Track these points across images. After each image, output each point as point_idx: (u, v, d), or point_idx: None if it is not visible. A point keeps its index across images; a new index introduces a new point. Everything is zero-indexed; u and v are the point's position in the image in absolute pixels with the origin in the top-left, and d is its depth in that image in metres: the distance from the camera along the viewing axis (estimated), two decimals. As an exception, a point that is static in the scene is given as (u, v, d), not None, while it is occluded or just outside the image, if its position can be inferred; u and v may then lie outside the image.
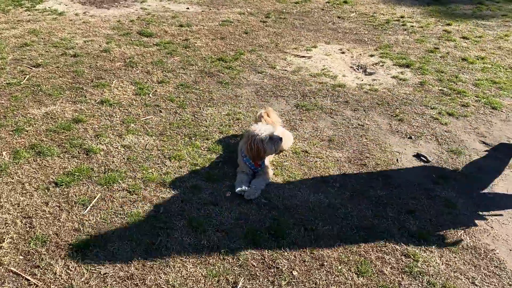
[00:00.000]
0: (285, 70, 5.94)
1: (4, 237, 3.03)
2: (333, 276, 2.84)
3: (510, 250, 3.15)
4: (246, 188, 3.53)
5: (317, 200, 3.51)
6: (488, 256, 3.07)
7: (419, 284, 2.81)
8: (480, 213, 3.49)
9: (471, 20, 8.47)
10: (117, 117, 4.56)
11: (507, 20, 8.57)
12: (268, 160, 3.77)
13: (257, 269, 2.88)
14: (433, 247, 3.11)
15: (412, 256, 3.01)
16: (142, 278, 2.77)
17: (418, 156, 4.17)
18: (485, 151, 4.30)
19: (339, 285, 2.78)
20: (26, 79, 5.29)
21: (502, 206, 3.58)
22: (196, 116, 4.67)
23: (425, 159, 4.11)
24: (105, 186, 3.55)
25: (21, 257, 2.89)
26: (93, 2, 9.00)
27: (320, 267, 2.90)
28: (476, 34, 7.66)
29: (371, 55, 6.58)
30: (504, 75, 6.01)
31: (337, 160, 4.05)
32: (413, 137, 4.48)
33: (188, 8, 8.75)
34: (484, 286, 2.84)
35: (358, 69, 6.15)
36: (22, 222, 3.16)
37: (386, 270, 2.91)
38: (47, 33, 6.87)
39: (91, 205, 3.34)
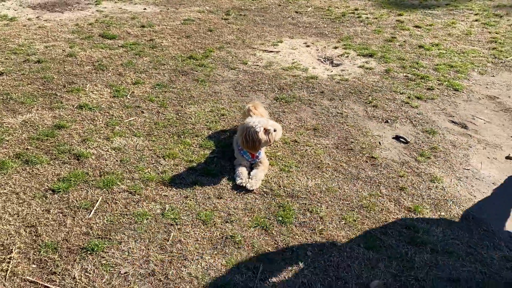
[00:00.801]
0: (257, 65, 6.07)
1: (11, 247, 2.95)
2: (345, 253, 3.02)
3: (495, 214, 3.47)
4: (247, 179, 3.63)
5: (315, 185, 3.68)
6: (477, 222, 3.37)
7: (424, 252, 3.05)
8: (463, 184, 3.80)
9: (419, 10, 9.00)
10: (100, 121, 4.49)
11: (450, 8, 9.18)
12: (263, 151, 3.89)
13: (273, 253, 2.99)
14: (429, 218, 3.37)
15: (412, 228, 3.25)
16: (164, 273, 2.81)
17: (397, 138, 4.45)
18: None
19: (352, 261, 2.96)
20: (-8, 88, 5.07)
21: (479, 178, 3.91)
22: (179, 114, 4.69)
23: (405, 140, 4.39)
24: (104, 189, 3.52)
25: (34, 265, 2.83)
26: (44, 6, 8.68)
27: (332, 246, 3.07)
28: (427, 22, 8.16)
29: (335, 47, 6.85)
30: (459, 59, 6.49)
31: (326, 146, 4.24)
32: (389, 121, 4.76)
33: (145, 9, 8.66)
34: (478, 247, 3.13)
35: (325, 61, 6.40)
36: (26, 231, 3.08)
37: (392, 242, 3.12)
38: (2, 39, 6.58)
39: (94, 208, 3.31)
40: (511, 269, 2.96)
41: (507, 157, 4.21)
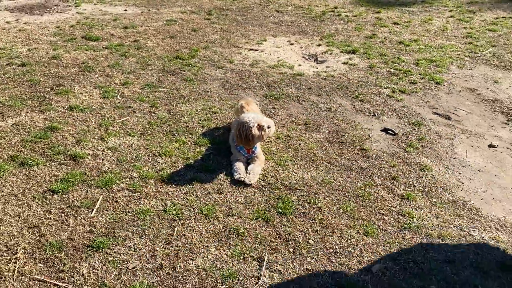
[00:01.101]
0: (244, 63, 6.16)
1: (16, 248, 2.95)
2: (345, 240, 3.13)
3: (482, 199, 3.65)
4: (244, 174, 3.71)
5: (311, 177, 3.79)
6: (467, 207, 3.54)
7: (420, 236, 3.19)
8: (451, 172, 3.98)
9: (396, 8, 9.25)
10: (92, 122, 4.49)
11: (426, 6, 9.47)
12: (259, 146, 3.97)
13: (276, 243, 3.08)
14: (422, 204, 3.52)
15: (407, 215, 3.39)
16: (172, 266, 2.87)
17: (385, 130, 4.60)
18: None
19: (353, 247, 3.08)
20: (-22, 92, 5.00)
21: (465, 165, 4.10)
22: (172, 113, 4.73)
23: (392, 132, 4.55)
24: (104, 188, 3.54)
25: (41, 264, 2.84)
26: (21, 9, 8.56)
27: (332, 234, 3.18)
28: (404, 19, 8.40)
29: (318, 45, 6.99)
30: (437, 54, 6.72)
31: (318, 140, 4.35)
32: (376, 114, 4.92)
33: (126, 10, 8.63)
34: (470, 230, 3.30)
35: (309, 58, 6.53)
36: (29, 232, 3.08)
37: (389, 228, 3.26)
38: (-17, 43, 6.47)
39: (96, 207, 3.33)
40: (502, 249, 3.12)
41: (490, 145, 4.42)
